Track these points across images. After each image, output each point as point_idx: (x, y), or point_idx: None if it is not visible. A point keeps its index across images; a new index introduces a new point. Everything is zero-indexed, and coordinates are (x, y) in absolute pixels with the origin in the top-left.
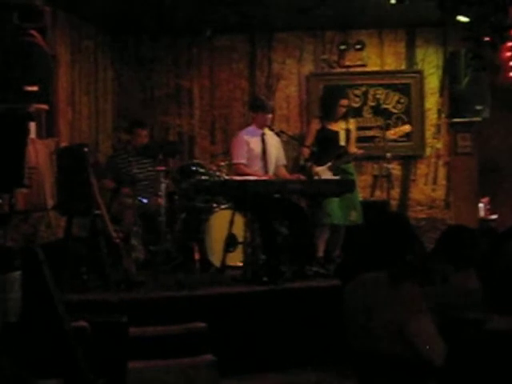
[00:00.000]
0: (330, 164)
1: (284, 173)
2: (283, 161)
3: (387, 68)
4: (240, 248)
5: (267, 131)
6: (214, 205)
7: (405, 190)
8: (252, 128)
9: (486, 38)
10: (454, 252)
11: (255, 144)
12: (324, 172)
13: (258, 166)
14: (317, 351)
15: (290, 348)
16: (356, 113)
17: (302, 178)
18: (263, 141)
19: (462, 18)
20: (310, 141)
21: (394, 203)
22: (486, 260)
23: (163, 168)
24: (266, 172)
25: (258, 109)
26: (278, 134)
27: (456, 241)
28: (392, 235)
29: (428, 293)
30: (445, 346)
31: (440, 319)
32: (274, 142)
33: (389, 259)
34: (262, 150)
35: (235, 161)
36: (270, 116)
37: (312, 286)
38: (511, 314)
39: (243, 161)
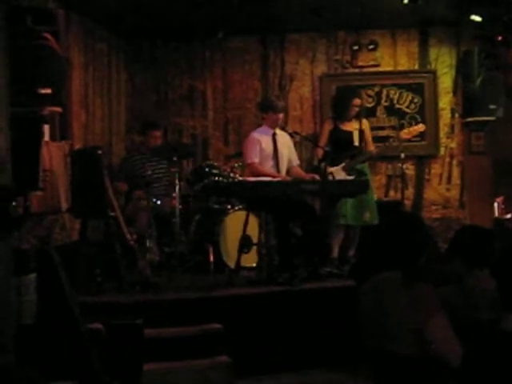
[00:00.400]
0: (344, 164)
1: (300, 172)
2: (296, 161)
3: (400, 68)
4: (254, 249)
5: (279, 131)
6: (228, 206)
7: (419, 190)
8: (263, 128)
9: (499, 37)
10: (468, 252)
11: (266, 144)
12: (338, 172)
13: (269, 165)
14: (332, 352)
15: (306, 348)
16: (369, 113)
17: (317, 178)
18: (274, 140)
19: (475, 18)
20: (323, 141)
21: (408, 203)
22: (501, 259)
23: (177, 170)
24: (278, 171)
25: (267, 109)
26: (291, 135)
27: (470, 241)
28: (406, 236)
29: (443, 293)
30: (461, 347)
31: (455, 320)
32: (285, 142)
33: (403, 260)
34: (273, 150)
35: (249, 161)
36: (281, 115)
37: (327, 287)
38: None
39: (257, 160)
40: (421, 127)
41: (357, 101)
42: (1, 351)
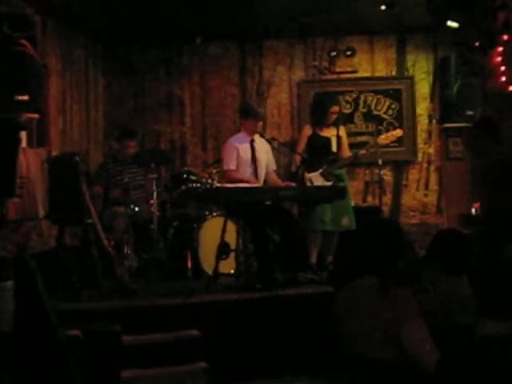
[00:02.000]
0: (321, 170)
1: (275, 178)
2: (273, 166)
3: (378, 74)
4: (232, 255)
5: (257, 137)
6: (206, 212)
7: (397, 196)
8: (241, 135)
9: (476, 44)
10: (445, 257)
11: (245, 151)
12: (316, 178)
13: (248, 172)
14: (311, 358)
15: (284, 355)
16: (347, 119)
17: (294, 184)
18: (252, 147)
19: (452, 24)
20: (301, 147)
21: (386, 209)
22: (478, 266)
23: (155, 176)
24: (257, 178)
25: (248, 115)
26: (269, 141)
27: (447, 246)
28: (383, 242)
29: (420, 299)
30: (437, 352)
31: (432, 325)
32: (263, 148)
33: (380, 266)
34: (251, 157)
35: (225, 168)
36: (260, 123)
37: (305, 293)
38: (502, 319)
39: (233, 167)
40: (398, 132)
41: (335, 108)
42: None
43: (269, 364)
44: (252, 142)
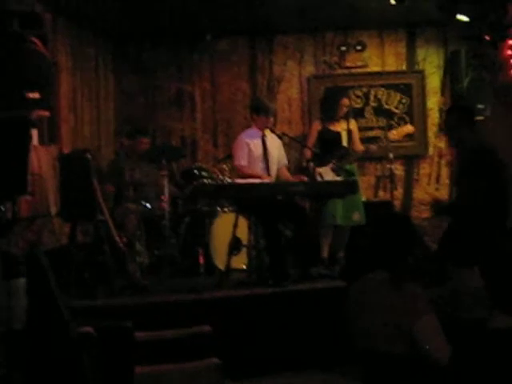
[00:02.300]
0: (332, 165)
1: (286, 173)
2: (285, 161)
3: (388, 68)
4: (244, 251)
5: (268, 133)
6: (218, 208)
7: (408, 190)
8: (252, 130)
9: (486, 37)
10: (455, 252)
11: (256, 146)
12: (327, 173)
13: (259, 167)
14: (323, 352)
15: (297, 350)
16: (358, 114)
17: (305, 179)
18: (264, 142)
19: (462, 17)
20: (311, 142)
21: (397, 203)
22: (489, 258)
23: (166, 172)
24: (268, 173)
25: (259, 111)
26: (279, 137)
27: (458, 240)
28: (394, 236)
29: (431, 292)
30: (449, 346)
31: (444, 319)
32: (274, 143)
33: (391, 260)
34: (263, 152)
35: (237, 163)
36: (271, 119)
37: (317, 288)
38: None
39: (244, 163)
40: (409, 129)
41: (345, 101)
42: None
43: (281, 359)
44: (263, 137)
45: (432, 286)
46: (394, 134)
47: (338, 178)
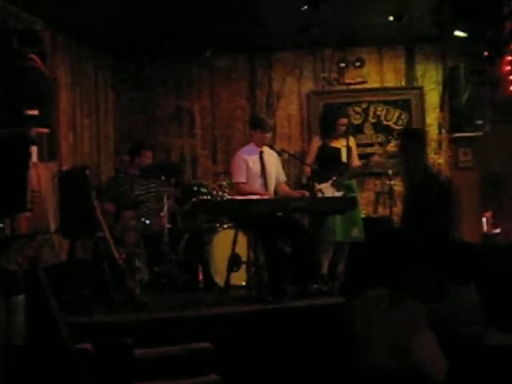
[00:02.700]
0: (332, 181)
1: (286, 189)
2: (283, 177)
3: (387, 84)
4: (244, 267)
5: (266, 149)
6: (217, 224)
7: None
8: (250, 147)
9: (484, 53)
10: (452, 268)
11: (254, 163)
12: (327, 189)
13: (257, 183)
14: (323, 369)
15: (296, 367)
16: (357, 130)
17: (305, 194)
18: (262, 159)
19: (460, 34)
20: (311, 158)
21: (396, 219)
22: (485, 275)
23: (166, 189)
24: (266, 189)
25: (256, 127)
26: (279, 153)
27: (454, 257)
28: (392, 253)
29: (429, 309)
30: (446, 362)
31: (441, 335)
32: (272, 160)
33: (390, 277)
34: (260, 168)
35: (235, 180)
36: (268, 135)
37: (316, 305)
38: (510, 330)
39: (243, 180)
40: None
41: (343, 120)
42: None
43: (280, 376)
44: (261, 153)
45: (430, 302)
46: (392, 146)
47: (338, 194)
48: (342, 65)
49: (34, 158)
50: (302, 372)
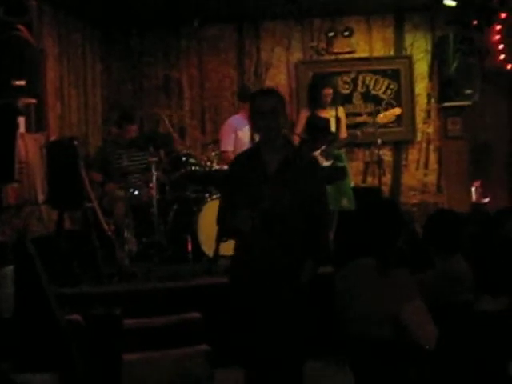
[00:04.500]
0: (320, 151)
1: None
2: None
3: (376, 54)
4: None
5: None
6: (206, 195)
7: (396, 176)
8: (239, 116)
9: (473, 22)
10: (438, 237)
11: (243, 133)
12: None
13: None
14: (313, 337)
15: (286, 334)
16: (346, 99)
17: None
18: (251, 129)
19: (449, 2)
20: (299, 128)
21: (385, 189)
22: (475, 243)
23: (154, 159)
24: None
25: (245, 99)
26: None
27: (439, 227)
28: (380, 223)
29: (418, 278)
30: (436, 330)
31: (430, 303)
32: None
33: (378, 247)
34: (250, 139)
35: (223, 148)
36: None
37: None
38: (502, 294)
39: (230, 148)
40: (397, 111)
41: (327, 90)
42: None
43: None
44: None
45: (418, 271)
46: (381, 118)
47: (327, 164)
48: (331, 34)
49: (22, 128)
50: (293, 339)
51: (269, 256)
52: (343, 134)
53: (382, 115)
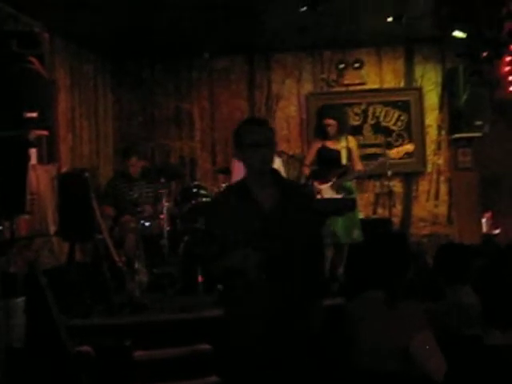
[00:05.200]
0: (332, 183)
1: None
2: None
3: (386, 85)
4: None
5: None
6: None
7: (407, 207)
8: None
9: (483, 54)
10: (448, 269)
11: None
12: (326, 191)
13: None
14: (322, 369)
15: (295, 367)
16: (356, 131)
17: None
18: None
19: (458, 34)
20: (310, 159)
21: (396, 220)
22: (484, 275)
23: (165, 191)
24: None
25: None
26: (278, 155)
27: (449, 259)
28: (388, 255)
29: (427, 309)
30: (445, 363)
31: (439, 335)
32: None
33: (386, 279)
34: None
35: (234, 180)
36: None
37: None
38: (509, 329)
39: None
40: (410, 148)
41: (328, 120)
42: None
43: (279, 376)
44: None
45: (429, 301)
46: (393, 153)
47: (338, 196)
48: (341, 66)
49: (33, 160)
50: (301, 372)
51: (280, 306)
52: (357, 164)
53: (394, 151)
